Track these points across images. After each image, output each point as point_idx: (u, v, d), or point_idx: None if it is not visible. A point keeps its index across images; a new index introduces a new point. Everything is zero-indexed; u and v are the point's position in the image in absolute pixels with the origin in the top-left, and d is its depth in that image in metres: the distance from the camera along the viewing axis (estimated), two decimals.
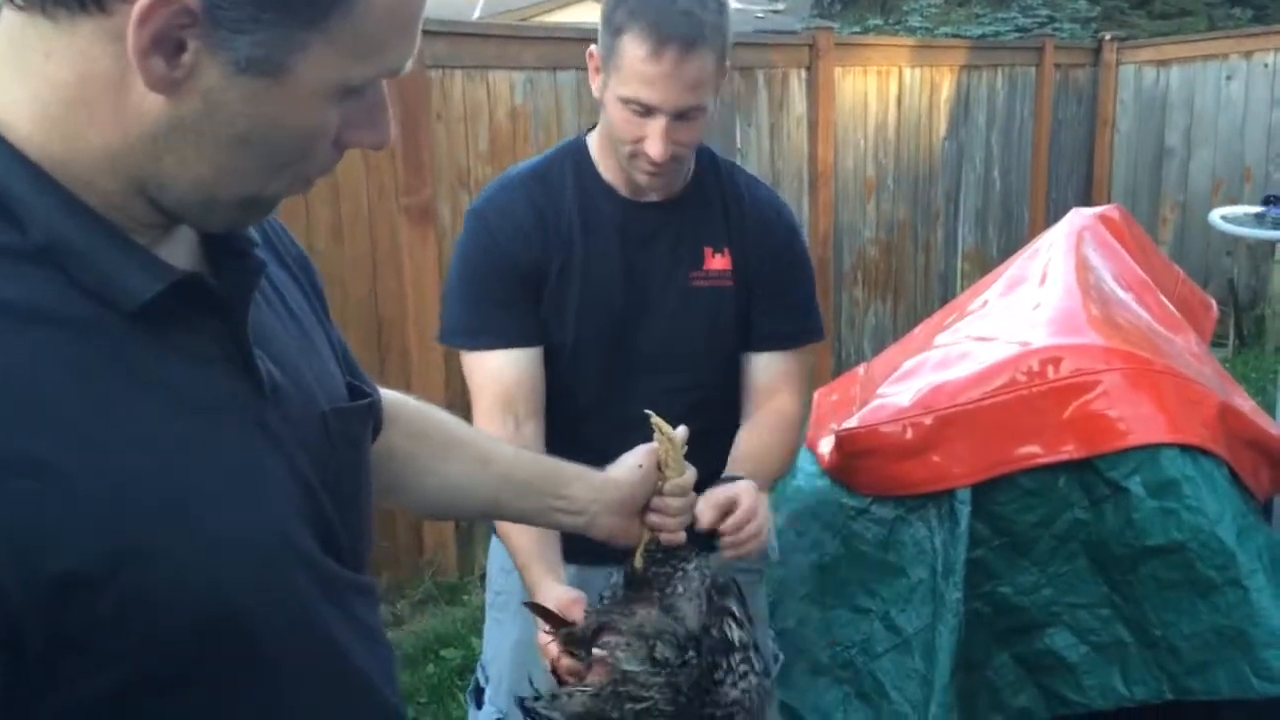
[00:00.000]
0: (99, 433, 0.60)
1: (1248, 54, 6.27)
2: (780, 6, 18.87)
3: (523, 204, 1.53)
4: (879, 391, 2.03)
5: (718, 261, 1.56)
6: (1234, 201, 5.99)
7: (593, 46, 1.45)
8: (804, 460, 2.09)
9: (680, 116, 1.39)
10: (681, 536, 1.19)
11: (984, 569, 1.81)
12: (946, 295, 5.64)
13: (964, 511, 1.79)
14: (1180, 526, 1.65)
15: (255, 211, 0.70)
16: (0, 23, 0.62)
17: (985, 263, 5.82)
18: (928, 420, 1.84)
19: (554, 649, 1.20)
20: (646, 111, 1.38)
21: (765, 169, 4.72)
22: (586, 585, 1.44)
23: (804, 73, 4.83)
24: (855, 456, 1.92)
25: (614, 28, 1.38)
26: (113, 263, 0.63)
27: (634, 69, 1.37)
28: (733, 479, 1.37)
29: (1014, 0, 13.54)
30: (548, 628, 1.21)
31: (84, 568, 0.58)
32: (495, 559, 1.71)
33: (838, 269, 5.16)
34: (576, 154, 1.57)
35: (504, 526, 1.46)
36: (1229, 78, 6.33)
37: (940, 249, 5.82)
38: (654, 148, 1.39)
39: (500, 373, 1.50)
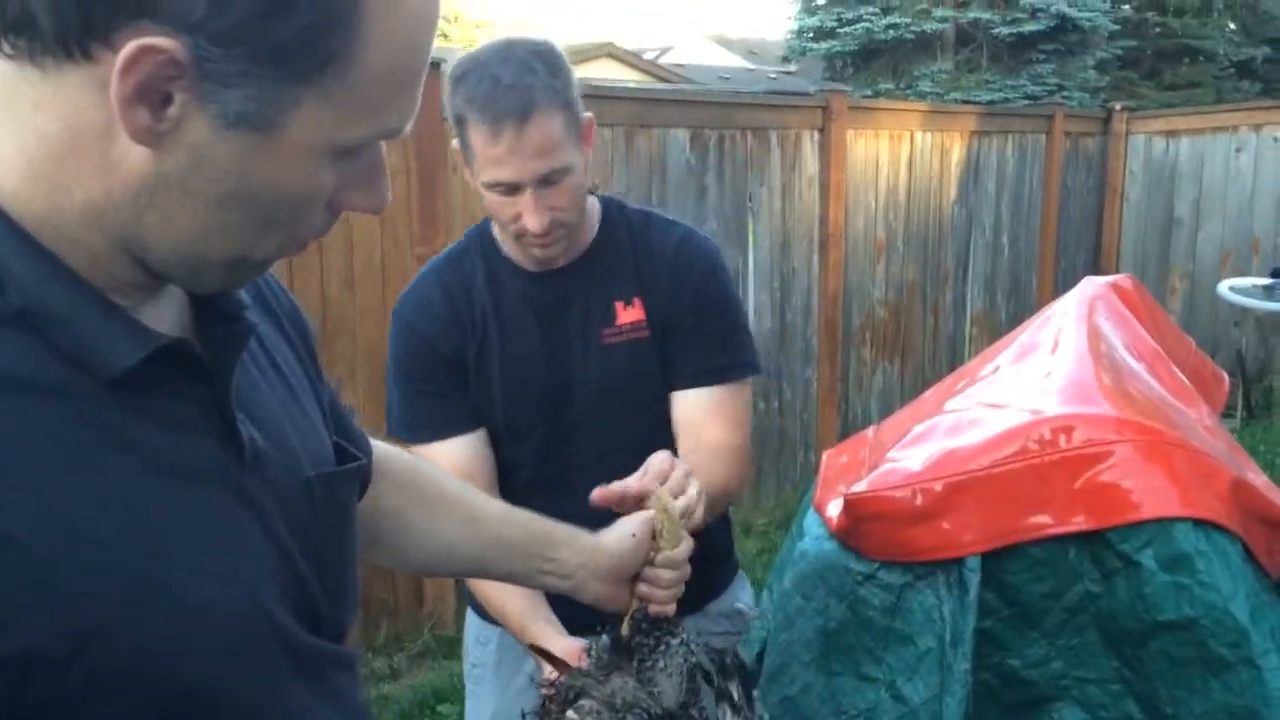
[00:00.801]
0: (67, 504, 0.58)
1: (1258, 127, 6.32)
2: (793, 68, 19.13)
3: (436, 293, 1.56)
4: (889, 455, 2.02)
5: (629, 314, 1.55)
6: (1242, 273, 6.01)
7: (454, 142, 1.46)
8: (811, 523, 2.08)
9: (545, 183, 1.39)
10: (671, 609, 1.18)
11: (992, 640, 1.78)
12: (954, 358, 5.64)
13: (973, 580, 1.77)
14: (1193, 602, 1.62)
15: (243, 273, 0.68)
16: None
17: (993, 327, 5.83)
18: (938, 486, 1.82)
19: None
20: (510, 190, 1.39)
21: (776, 228, 4.75)
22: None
23: (816, 134, 4.87)
24: (864, 520, 1.90)
25: (458, 120, 1.39)
26: (93, 328, 0.61)
27: (482, 154, 1.38)
28: None
29: (1023, 68, 13.72)
30: (551, 671, 1.20)
31: (44, 647, 0.56)
32: (470, 631, 1.69)
33: (846, 329, 5.16)
34: (483, 237, 1.59)
35: (491, 594, 1.44)
36: (1238, 150, 6.38)
37: (949, 312, 5.83)
38: (531, 221, 1.40)
39: (450, 462, 1.51)
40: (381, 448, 1.01)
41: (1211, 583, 1.60)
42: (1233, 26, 15.48)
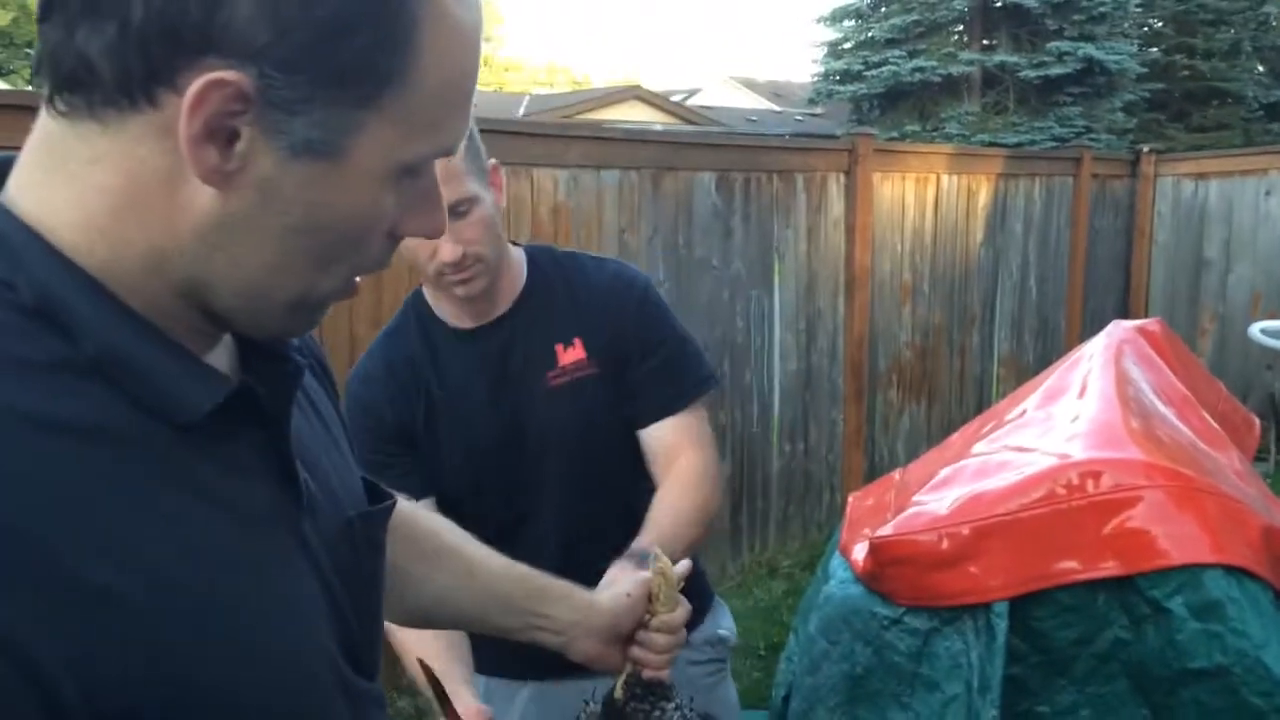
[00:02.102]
0: (155, 554, 0.57)
1: None
2: (819, 110, 19.23)
3: (380, 365, 1.59)
4: (915, 499, 2.01)
5: (570, 354, 1.56)
6: (1273, 315, 5.95)
7: None
8: (837, 566, 2.07)
9: (453, 215, 1.42)
10: (665, 674, 1.16)
11: (1020, 687, 1.77)
12: (981, 400, 5.61)
13: (1001, 626, 1.75)
14: (1225, 650, 1.60)
15: (303, 316, 0.68)
16: (36, 133, 0.61)
17: (1021, 369, 5.80)
18: (964, 530, 1.81)
19: None
20: None
21: (802, 270, 4.76)
22: (546, 700, 1.39)
23: (842, 177, 4.89)
24: (889, 564, 1.89)
25: None
26: (167, 375, 0.60)
27: None
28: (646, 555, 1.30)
29: (1050, 110, 13.73)
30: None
31: (144, 703, 0.55)
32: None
33: (872, 371, 5.15)
34: (417, 303, 1.63)
35: (408, 642, 1.41)
36: (1268, 193, 6.34)
37: (976, 354, 5.81)
38: (445, 251, 1.43)
39: None
40: None
41: (1244, 630, 1.59)
42: (1261, 69, 15.45)
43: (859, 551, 1.99)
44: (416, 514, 1.09)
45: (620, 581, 1.16)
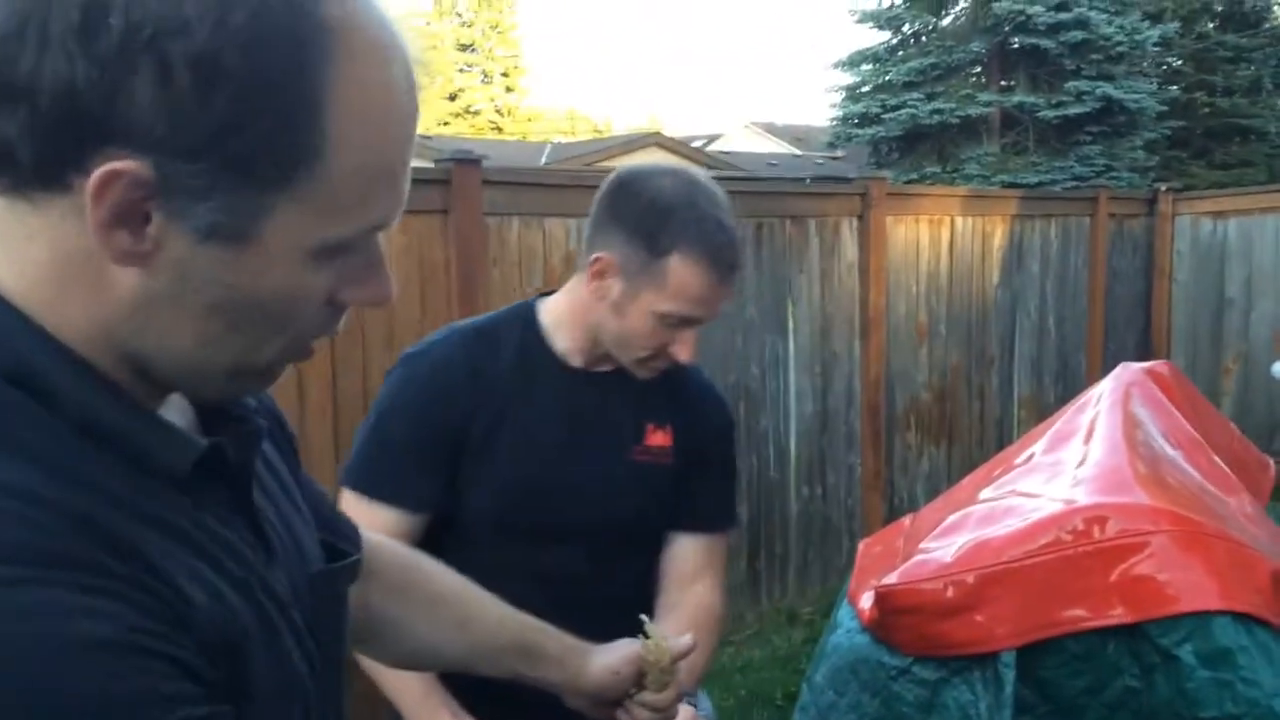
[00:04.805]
0: (215, 582, 0.61)
1: None
2: (840, 154, 19.32)
3: (459, 359, 1.50)
4: (921, 546, 1.99)
5: (659, 437, 1.56)
6: None
7: (601, 254, 1.43)
8: (844, 615, 2.05)
9: (703, 323, 1.47)
10: None
11: None
12: (1002, 441, 5.56)
13: (1009, 675, 1.73)
14: (1235, 699, 1.58)
15: (247, 381, 0.69)
16: None
17: (1042, 410, 5.75)
18: (970, 578, 1.80)
19: None
20: (683, 324, 1.43)
21: (816, 314, 4.76)
22: None
23: (855, 221, 4.90)
24: (895, 614, 1.88)
25: (658, 248, 1.39)
26: (142, 437, 0.62)
27: (688, 292, 1.40)
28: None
29: (1070, 150, 13.73)
30: None
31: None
32: None
33: (890, 414, 5.12)
34: (525, 320, 1.55)
35: (387, 677, 1.43)
36: None
37: (995, 395, 5.77)
38: (685, 353, 1.45)
39: (381, 530, 1.44)
40: (371, 542, 0.98)
41: (1254, 679, 1.56)
42: None
43: (866, 600, 1.97)
44: (414, 565, 1.09)
45: (615, 652, 1.16)
